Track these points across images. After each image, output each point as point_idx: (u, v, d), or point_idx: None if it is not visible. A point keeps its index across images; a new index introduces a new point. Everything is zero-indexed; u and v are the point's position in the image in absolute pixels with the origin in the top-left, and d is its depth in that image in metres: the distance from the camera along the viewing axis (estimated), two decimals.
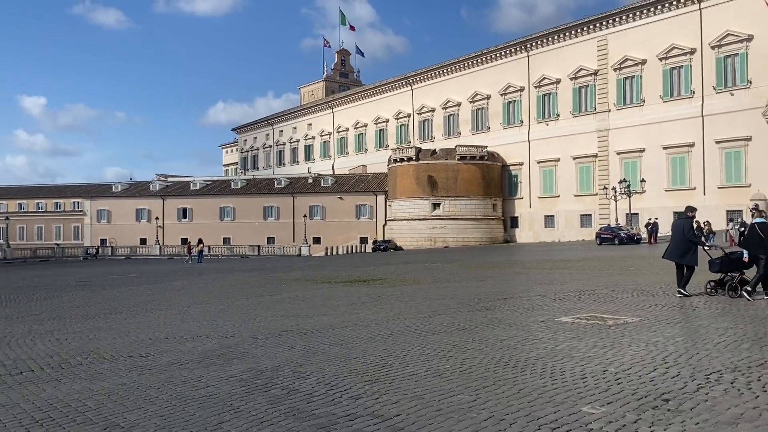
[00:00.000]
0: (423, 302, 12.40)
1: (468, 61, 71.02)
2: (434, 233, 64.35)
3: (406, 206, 66.12)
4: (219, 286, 20.32)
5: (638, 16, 55.90)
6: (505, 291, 13.91)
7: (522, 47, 65.39)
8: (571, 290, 13.48)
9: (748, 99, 48.51)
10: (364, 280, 19.56)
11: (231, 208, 75.16)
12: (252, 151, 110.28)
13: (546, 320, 9.18)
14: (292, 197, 73.46)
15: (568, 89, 61.45)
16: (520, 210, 66.00)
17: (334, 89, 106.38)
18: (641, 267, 19.92)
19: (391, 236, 67.46)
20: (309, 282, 20.05)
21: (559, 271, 19.51)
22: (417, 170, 65.15)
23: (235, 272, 29.51)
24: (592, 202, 59.33)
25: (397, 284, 17.26)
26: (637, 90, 56.22)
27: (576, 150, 60.16)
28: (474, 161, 64.18)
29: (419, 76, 77.18)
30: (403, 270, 24.40)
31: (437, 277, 19.04)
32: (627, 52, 56.40)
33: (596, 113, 59.01)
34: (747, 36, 48.52)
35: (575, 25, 61.02)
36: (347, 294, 15.11)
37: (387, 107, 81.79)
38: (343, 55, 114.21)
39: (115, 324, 11.32)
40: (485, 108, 69.45)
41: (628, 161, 56.42)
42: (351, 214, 71.61)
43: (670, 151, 53.48)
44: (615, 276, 17.19)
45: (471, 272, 21.12)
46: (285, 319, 10.85)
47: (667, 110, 53.72)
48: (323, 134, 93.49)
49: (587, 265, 21.96)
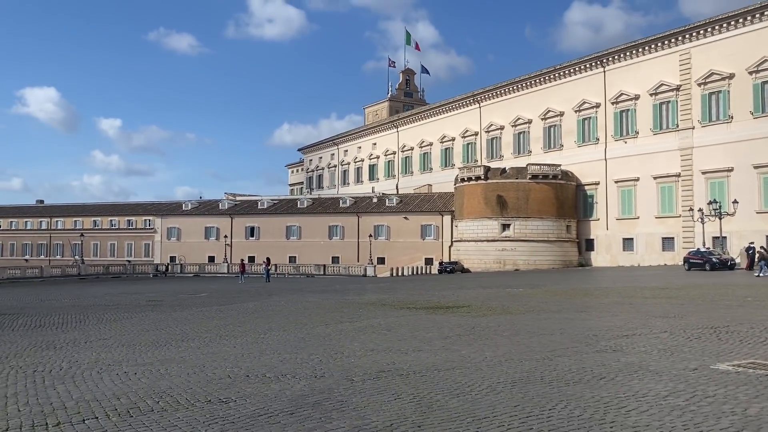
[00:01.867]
0: (529, 338, 10.80)
1: (539, 77, 68.88)
2: (504, 255, 62.05)
3: (473, 227, 64.16)
4: (293, 309, 19.23)
5: (725, 28, 52.66)
6: (619, 326, 12.13)
7: (597, 62, 62.86)
8: (699, 326, 11.60)
9: None
10: (447, 306, 18.05)
11: (297, 227, 75.07)
12: (317, 171, 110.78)
13: (699, 368, 7.48)
14: (357, 216, 72.71)
15: (648, 105, 58.44)
16: (595, 232, 62.92)
17: (398, 109, 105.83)
18: (760, 297, 17.63)
19: (457, 258, 65.55)
20: (387, 307, 18.71)
21: (667, 301, 17.48)
22: (485, 190, 63.20)
23: (306, 293, 28.51)
24: (674, 225, 55.85)
25: (487, 313, 15.67)
26: (724, 106, 52.80)
27: (656, 169, 56.94)
28: (546, 180, 61.73)
29: (487, 94, 75.47)
30: (483, 296, 22.73)
31: (530, 306, 17.32)
32: (713, 66, 53.15)
33: (678, 130, 55.76)
34: None
35: (655, 39, 58.14)
36: (435, 324, 13.65)
37: (453, 125, 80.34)
38: (408, 74, 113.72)
39: (188, 355, 10.25)
40: (558, 125, 67.00)
41: (714, 181, 52.87)
42: (416, 234, 70.17)
43: (762, 170, 49.79)
44: (736, 308, 15.09)
45: (565, 300, 19.27)
46: (376, 355, 9.50)
47: (759, 127, 50.13)
48: (387, 153, 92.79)
49: (693, 295, 19.73)
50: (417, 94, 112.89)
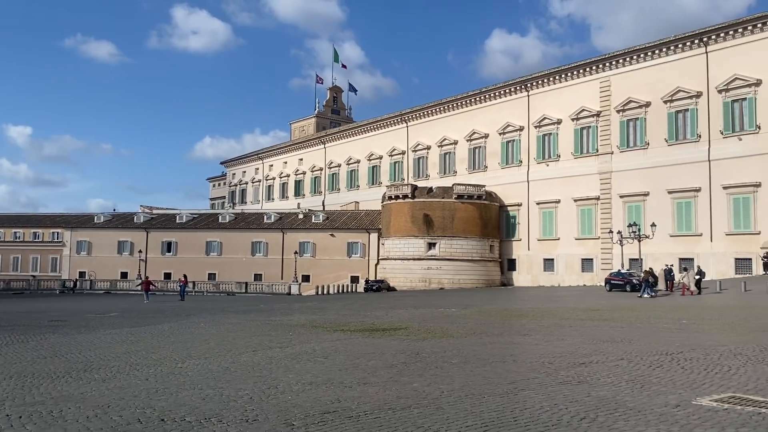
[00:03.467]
0: (482, 367, 9.90)
1: (465, 99, 69.72)
2: (429, 274, 61.83)
3: (400, 245, 63.71)
4: (215, 332, 17.62)
5: (642, 58, 54.96)
6: (571, 351, 11.45)
7: (522, 87, 64.23)
8: (652, 352, 11.09)
9: (757, 144, 47.31)
10: (383, 329, 16.99)
11: (218, 242, 72.19)
12: (240, 185, 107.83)
13: (681, 404, 6.76)
14: (282, 233, 70.78)
15: (570, 130, 60.08)
16: (518, 252, 63.82)
17: (325, 125, 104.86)
18: (694, 320, 17.59)
19: (383, 276, 64.81)
20: (319, 329, 17.44)
21: (606, 324, 17.15)
22: (412, 208, 62.99)
23: (228, 313, 26.71)
24: (593, 246, 57.35)
25: (427, 336, 14.72)
26: (641, 132, 54.93)
27: (577, 192, 58.44)
28: (471, 200, 62.20)
29: (414, 114, 75.74)
30: (418, 316, 21.84)
31: (469, 328, 16.53)
32: (631, 93, 55.26)
33: (598, 155, 57.54)
34: (755, 81, 47.59)
35: (577, 66, 60.00)
36: (375, 349, 12.56)
37: (381, 144, 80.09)
38: (335, 91, 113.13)
39: (89, 390, 8.68)
40: (483, 147, 67.87)
41: (631, 205, 54.74)
42: (342, 251, 68.99)
43: (675, 195, 51.94)
44: (678, 332, 14.85)
45: (503, 322, 18.64)
46: (317, 390, 8.29)
47: (672, 154, 52.37)
48: (314, 169, 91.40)
49: (628, 317, 19.58)
50: (344, 112, 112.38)
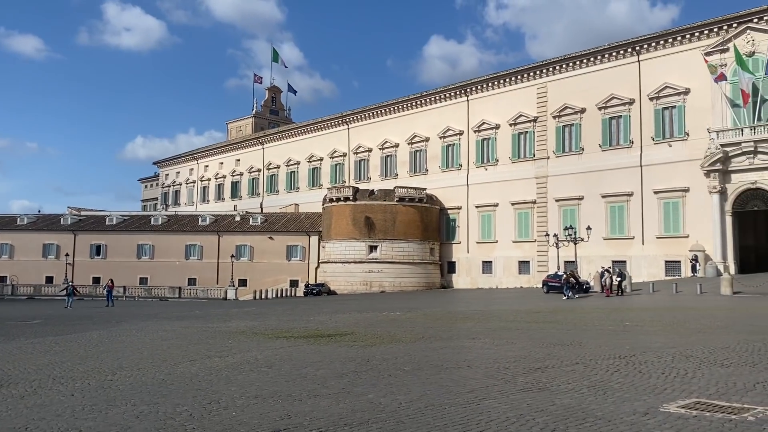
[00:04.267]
0: (437, 374, 9.49)
1: (407, 103, 69.79)
2: (370, 277, 61.42)
3: (341, 248, 63.05)
4: (148, 341, 16.58)
5: (578, 66, 56.27)
6: (524, 356, 11.21)
7: (462, 92, 64.76)
8: (604, 355, 10.97)
9: (686, 151, 49.03)
10: (328, 334, 16.39)
11: (150, 245, 69.57)
12: (174, 186, 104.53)
13: (649, 411, 6.52)
14: (218, 235, 68.89)
15: (508, 135, 60.91)
16: (457, 255, 64.24)
17: (263, 126, 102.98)
18: (637, 321, 17.80)
19: (324, 279, 63.98)
20: (260, 336, 16.68)
21: (551, 326, 17.12)
22: (354, 211, 62.47)
23: (162, 319, 25.45)
24: (530, 249, 58.30)
25: (376, 342, 14.24)
26: (576, 138, 56.16)
27: (515, 196, 59.31)
28: (413, 203, 62.23)
29: (356, 116, 75.27)
30: (363, 321, 21.33)
31: (417, 332, 16.14)
32: (566, 100, 56.46)
33: (535, 160, 58.55)
34: (684, 89, 49.37)
35: (515, 72, 60.93)
36: (322, 357, 11.98)
37: (321, 145, 79.20)
38: (274, 92, 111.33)
39: (6, 408, 7.76)
40: (424, 150, 68.06)
41: (566, 208, 55.90)
42: (281, 255, 67.71)
43: (608, 199, 53.30)
44: (624, 334, 14.91)
45: (450, 326, 18.36)
46: (263, 404, 7.66)
47: (606, 159, 53.74)
48: (252, 171, 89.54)
49: (571, 319, 19.68)
50: (283, 113, 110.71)
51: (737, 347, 11.68)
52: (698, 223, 47.58)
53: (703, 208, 47.39)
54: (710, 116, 47.75)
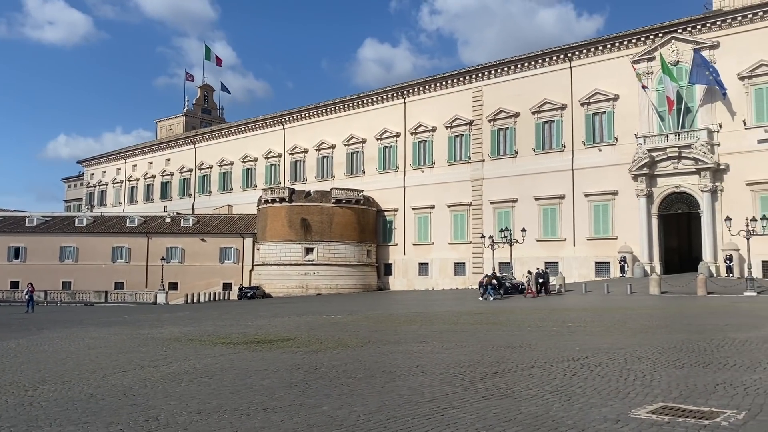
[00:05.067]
0: (392, 381, 9.06)
1: (343, 104, 69.26)
2: (307, 279, 60.50)
3: (276, 250, 61.82)
4: (73, 350, 15.41)
5: (513, 71, 57.24)
6: (477, 360, 10.94)
7: (399, 94, 64.80)
8: (557, 358, 10.84)
9: (615, 155, 50.60)
10: (269, 340, 15.69)
11: (74, 248, 66.18)
12: (100, 187, 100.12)
13: (621, 418, 6.30)
14: (147, 237, 66.29)
15: (444, 137, 61.35)
16: (394, 257, 64.19)
17: (195, 125, 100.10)
18: (579, 322, 17.95)
19: (258, 282, 62.56)
20: (196, 343, 15.80)
21: (497, 328, 17.02)
22: (290, 212, 61.39)
23: (88, 326, 23.94)
24: (466, 251, 58.86)
25: (321, 347, 13.68)
26: (511, 142, 57.10)
27: (451, 198, 59.79)
28: (350, 205, 61.73)
29: (292, 116, 74.15)
30: (304, 325, 20.67)
31: (363, 336, 15.66)
32: (501, 104, 57.32)
33: (471, 162, 59.17)
34: (613, 96, 50.97)
35: (452, 75, 61.48)
36: (267, 365, 11.33)
37: (256, 145, 77.58)
38: (207, 90, 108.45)
39: None
40: (361, 152, 67.70)
41: (501, 211, 56.76)
42: (214, 257, 65.81)
43: (541, 202, 54.41)
44: (569, 335, 14.92)
45: (394, 329, 17.96)
46: (208, 420, 7.01)
47: (540, 162, 54.82)
48: (183, 171, 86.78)
49: (515, 320, 19.69)
50: (216, 112, 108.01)
51: (683, 347, 11.81)
52: (626, 226, 49.19)
53: (630, 211, 49.02)
54: (638, 122, 49.49)
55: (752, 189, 43.90)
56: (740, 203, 43.50)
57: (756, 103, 44.37)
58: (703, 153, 45.21)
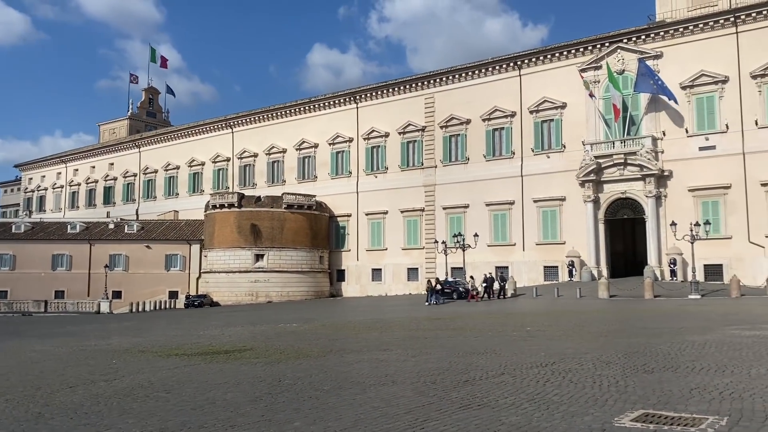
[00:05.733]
0: (363, 392, 8.74)
1: (295, 108, 68.56)
2: (256, 287, 59.40)
3: (225, 257, 60.52)
4: (14, 364, 14.48)
5: (464, 78, 57.81)
6: (445, 368, 10.72)
7: (351, 98, 64.57)
8: (525, 364, 10.74)
9: (562, 162, 51.65)
10: (225, 351, 15.12)
11: (10, 255, 63.17)
12: (38, 192, 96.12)
13: (606, 428, 6.17)
14: (89, 244, 63.89)
15: (397, 143, 61.42)
16: (347, 263, 63.77)
17: (139, 128, 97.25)
18: (538, 326, 18.02)
19: (206, 290, 61.07)
20: (148, 354, 15.09)
21: (458, 333, 16.90)
22: (239, 218, 60.22)
23: (28, 338, 22.69)
24: (419, 256, 59.00)
25: (282, 358, 13.22)
26: (462, 148, 57.61)
27: (404, 203, 59.87)
28: (302, 210, 61.03)
29: (241, 119, 72.92)
30: (259, 334, 20.09)
31: (323, 345, 15.26)
32: (453, 111, 57.79)
33: (423, 168, 59.44)
34: (561, 104, 52.06)
35: (404, 81, 61.67)
36: (227, 377, 10.83)
37: (203, 149, 75.92)
38: (152, 93, 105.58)
39: None
40: (313, 156, 67.09)
41: (453, 216, 57.15)
42: (160, 265, 63.94)
43: (492, 207, 55.05)
44: (532, 341, 14.92)
45: (354, 336, 17.62)
46: None
47: (490, 169, 55.48)
48: (127, 175, 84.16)
49: (471, 325, 19.64)
50: (161, 115, 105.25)
51: (647, 351, 11.91)
52: (574, 231, 50.24)
53: (578, 216, 50.10)
54: (585, 129, 50.69)
55: (694, 195, 45.47)
56: (683, 209, 44.99)
57: (697, 112, 46.04)
58: (647, 160, 46.58)
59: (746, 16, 44.25)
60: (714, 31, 45.54)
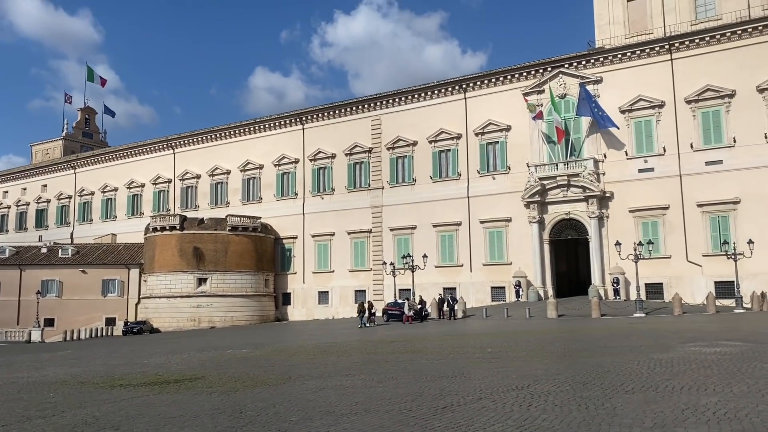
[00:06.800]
0: (337, 424, 8.11)
1: (239, 129, 67.30)
2: (199, 312, 57.40)
3: (166, 281, 58.33)
4: None
5: (410, 100, 58.05)
6: (418, 392, 10.20)
7: (298, 120, 63.91)
8: (500, 387, 10.35)
9: (508, 183, 52.29)
10: (175, 380, 14.12)
11: None
12: None
13: None
14: (19, 270, 60.50)
15: (343, 164, 61.00)
16: (293, 286, 62.50)
17: (75, 149, 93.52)
18: (497, 347, 17.73)
19: (145, 316, 58.65)
20: (90, 386, 13.93)
21: (420, 356, 16.40)
22: (181, 241, 58.27)
23: None
24: (366, 278, 58.41)
25: (237, 386, 12.39)
26: (409, 169, 57.63)
27: (351, 225, 59.32)
28: (246, 233, 59.57)
29: (183, 140, 71.04)
30: (209, 361, 19.04)
31: (280, 372, 14.46)
32: (400, 132, 57.85)
33: (370, 189, 59.14)
34: (506, 126, 52.85)
35: (351, 103, 61.48)
36: (182, 409, 9.98)
37: (143, 171, 73.49)
38: (88, 113, 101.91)
39: None
40: (258, 178, 65.84)
41: (401, 237, 56.93)
42: (96, 290, 61.07)
43: (439, 229, 55.11)
44: (495, 362, 14.58)
45: (312, 361, 16.86)
46: None
47: (437, 190, 55.65)
48: (61, 197, 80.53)
49: (429, 347, 19.19)
50: (98, 136, 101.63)
51: (617, 371, 11.73)
52: (520, 251, 50.74)
53: (524, 237, 50.67)
54: (529, 151, 51.53)
55: (635, 216, 46.72)
56: (624, 229, 46.12)
57: (636, 135, 47.54)
58: (590, 181, 47.67)
59: (680, 44, 46.23)
60: (650, 57, 47.35)
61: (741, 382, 9.67)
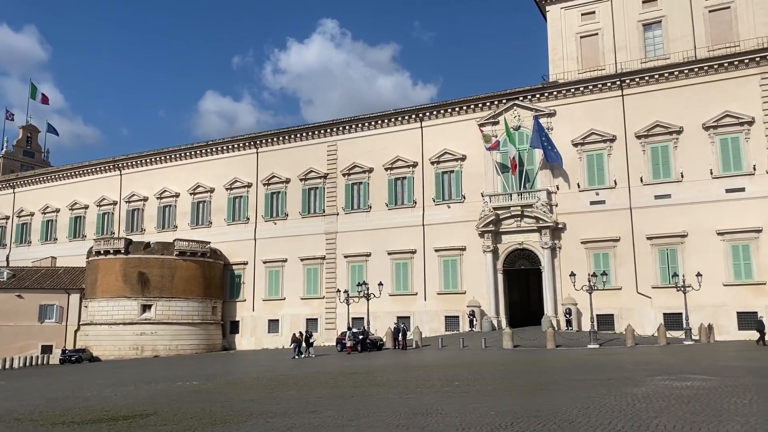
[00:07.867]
0: None
1: (190, 151, 65.68)
2: (142, 340, 55.01)
3: (108, 307, 55.80)
4: None
5: (367, 127, 57.91)
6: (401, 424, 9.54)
7: (250, 143, 62.86)
8: (486, 425, 9.79)
9: (462, 212, 52.43)
10: (124, 416, 13.00)
11: None
12: None
13: None
14: None
15: (298, 190, 60.12)
16: (242, 313, 60.71)
17: (14, 168, 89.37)
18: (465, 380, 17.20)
19: (85, 344, 55.86)
20: (26, 423, 12.68)
21: (384, 390, 15.69)
22: (125, 265, 55.99)
23: None
24: (319, 306, 57.30)
25: (195, 425, 11.43)
26: (365, 196, 57.25)
27: (304, 251, 58.27)
28: (194, 258, 57.72)
29: (130, 161, 68.86)
30: (158, 394, 17.82)
31: (240, 409, 13.49)
32: (356, 159, 57.56)
33: (325, 215, 58.41)
34: (461, 156, 53.18)
35: (307, 128, 60.95)
36: None
37: (87, 192, 70.76)
38: (30, 131, 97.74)
39: None
40: (208, 201, 64.18)
41: (355, 265, 56.24)
42: (32, 316, 57.86)
43: (394, 256, 54.70)
44: (470, 396, 14.03)
45: (271, 396, 15.91)
46: None
47: (392, 217, 55.37)
48: None
49: (393, 380, 18.51)
50: (41, 155, 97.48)
51: (599, 407, 11.37)
52: (474, 280, 50.73)
53: (478, 266, 50.71)
54: (483, 181, 51.91)
55: (587, 247, 47.42)
56: (576, 260, 46.70)
57: (588, 168, 48.51)
58: (543, 212, 48.24)
59: (630, 80, 47.70)
60: (602, 93, 48.64)
61: (731, 420, 9.44)
